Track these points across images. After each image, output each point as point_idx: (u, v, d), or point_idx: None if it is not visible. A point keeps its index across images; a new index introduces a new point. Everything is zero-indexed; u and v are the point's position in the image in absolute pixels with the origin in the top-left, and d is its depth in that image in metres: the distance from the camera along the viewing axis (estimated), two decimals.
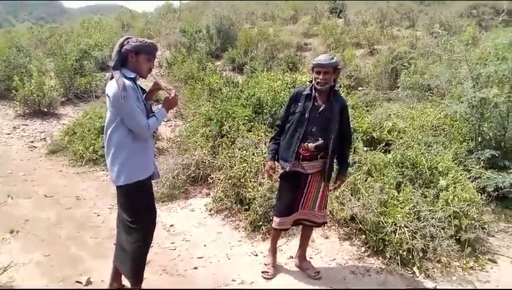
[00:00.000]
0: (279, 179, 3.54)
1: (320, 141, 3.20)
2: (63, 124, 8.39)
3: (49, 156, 6.88)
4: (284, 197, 3.42)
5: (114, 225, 3.05)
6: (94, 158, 6.35)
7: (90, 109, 7.66)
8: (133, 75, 2.74)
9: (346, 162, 3.51)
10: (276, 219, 3.44)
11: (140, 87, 2.84)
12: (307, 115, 3.23)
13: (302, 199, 3.38)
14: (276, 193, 3.80)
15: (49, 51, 12.60)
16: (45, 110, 9.04)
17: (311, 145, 3.21)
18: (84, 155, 6.40)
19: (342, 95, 7.24)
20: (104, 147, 2.83)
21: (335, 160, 3.40)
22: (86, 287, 3.30)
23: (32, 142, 7.58)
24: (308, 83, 3.41)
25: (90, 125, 6.88)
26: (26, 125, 8.56)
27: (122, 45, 2.74)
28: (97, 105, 7.97)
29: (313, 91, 3.26)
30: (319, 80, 3.19)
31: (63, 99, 9.71)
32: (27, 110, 9.05)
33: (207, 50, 12.55)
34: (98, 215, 4.69)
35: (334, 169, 3.49)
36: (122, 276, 3.02)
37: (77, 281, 3.35)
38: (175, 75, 10.33)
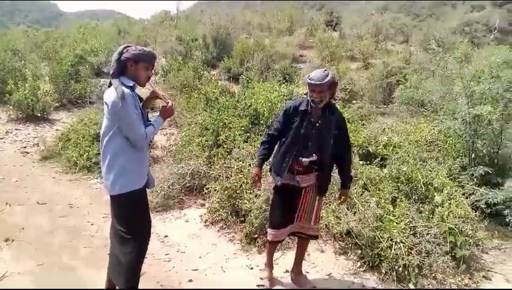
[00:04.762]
0: (272, 190, 3.50)
1: (314, 157, 3.20)
2: (56, 129, 8.32)
3: (42, 162, 6.79)
4: (277, 210, 3.38)
5: (108, 234, 3.01)
6: (88, 165, 6.28)
7: (85, 115, 7.60)
8: (131, 84, 2.72)
9: (348, 175, 3.46)
10: (271, 231, 3.40)
11: (138, 96, 2.84)
12: (302, 130, 3.20)
13: (297, 212, 3.36)
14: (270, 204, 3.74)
15: (45, 55, 12.55)
16: (38, 115, 8.97)
17: (305, 160, 3.20)
18: (77, 162, 6.32)
19: (338, 108, 7.38)
20: (98, 154, 2.79)
21: (333, 174, 3.40)
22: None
23: (24, 147, 7.49)
24: (304, 96, 3.36)
25: (85, 132, 6.82)
26: (19, 129, 8.48)
27: (121, 53, 2.72)
28: (91, 111, 7.88)
29: (309, 107, 3.21)
30: (314, 98, 3.15)
31: (57, 104, 9.65)
32: (20, 115, 8.97)
33: (203, 59, 12.62)
34: (92, 224, 4.63)
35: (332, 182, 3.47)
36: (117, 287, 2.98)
37: None
38: (170, 83, 10.34)
